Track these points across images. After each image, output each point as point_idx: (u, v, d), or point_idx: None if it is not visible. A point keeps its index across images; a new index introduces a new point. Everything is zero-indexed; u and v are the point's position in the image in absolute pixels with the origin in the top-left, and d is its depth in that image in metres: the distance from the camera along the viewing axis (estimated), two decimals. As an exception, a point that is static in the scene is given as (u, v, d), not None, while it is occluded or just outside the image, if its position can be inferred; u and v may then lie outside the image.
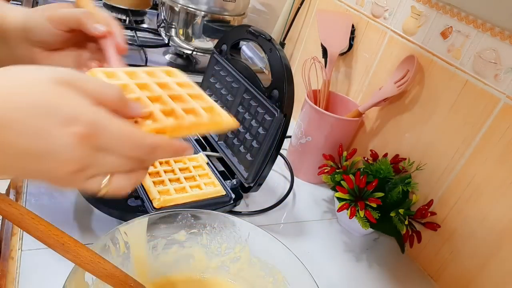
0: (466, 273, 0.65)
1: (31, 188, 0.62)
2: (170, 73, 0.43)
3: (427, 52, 0.72)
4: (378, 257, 0.72)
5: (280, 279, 0.51)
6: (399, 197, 0.69)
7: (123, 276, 0.41)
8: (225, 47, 0.76)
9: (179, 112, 0.37)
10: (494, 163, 0.62)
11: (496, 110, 0.61)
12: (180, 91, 0.40)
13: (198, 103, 0.39)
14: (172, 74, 0.43)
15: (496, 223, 0.61)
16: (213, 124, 0.38)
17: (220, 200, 0.66)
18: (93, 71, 0.38)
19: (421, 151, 0.73)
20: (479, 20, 0.64)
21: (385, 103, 0.78)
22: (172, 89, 0.40)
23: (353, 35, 0.88)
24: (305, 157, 0.84)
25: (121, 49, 0.48)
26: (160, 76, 0.42)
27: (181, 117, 0.36)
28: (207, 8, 0.98)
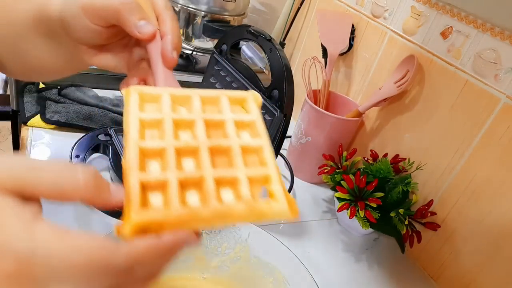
0: (466, 273, 0.65)
1: (31, 188, 0.62)
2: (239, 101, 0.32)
3: (427, 52, 0.72)
4: (378, 257, 0.72)
5: (280, 279, 0.51)
6: (399, 197, 0.69)
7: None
8: (225, 47, 0.76)
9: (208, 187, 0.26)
10: (494, 163, 0.62)
11: (496, 110, 0.61)
12: (232, 140, 0.29)
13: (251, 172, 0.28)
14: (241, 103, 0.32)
15: (496, 223, 0.61)
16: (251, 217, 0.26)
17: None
18: (128, 90, 0.30)
19: (421, 151, 0.73)
20: (479, 20, 0.64)
21: (385, 103, 0.78)
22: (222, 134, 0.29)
23: (353, 35, 0.88)
24: (305, 157, 0.84)
25: (168, 60, 0.36)
26: (221, 107, 0.31)
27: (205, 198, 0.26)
28: (207, 8, 0.98)
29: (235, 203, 0.26)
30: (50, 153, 0.71)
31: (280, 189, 0.27)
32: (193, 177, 0.26)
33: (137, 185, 0.25)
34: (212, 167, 0.27)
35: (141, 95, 0.30)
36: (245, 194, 0.26)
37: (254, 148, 0.29)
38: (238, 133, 0.30)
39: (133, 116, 0.28)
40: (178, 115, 0.29)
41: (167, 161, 0.27)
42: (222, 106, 0.31)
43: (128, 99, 0.29)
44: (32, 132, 0.74)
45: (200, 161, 0.27)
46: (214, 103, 0.31)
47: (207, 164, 0.27)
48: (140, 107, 0.29)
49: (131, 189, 0.25)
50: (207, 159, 0.27)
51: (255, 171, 0.28)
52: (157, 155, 0.27)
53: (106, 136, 0.72)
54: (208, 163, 0.27)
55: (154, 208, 0.25)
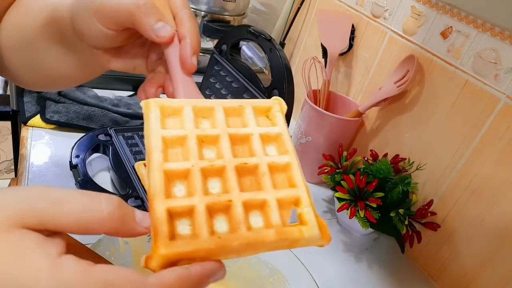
0: (466, 273, 0.65)
1: (31, 188, 0.62)
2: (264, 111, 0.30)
3: (427, 52, 0.72)
4: (378, 257, 0.72)
5: (280, 279, 0.51)
6: (399, 197, 0.69)
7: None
8: (225, 47, 0.76)
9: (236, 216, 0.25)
10: (494, 163, 0.62)
11: (496, 110, 0.61)
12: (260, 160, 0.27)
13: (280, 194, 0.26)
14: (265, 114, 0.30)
15: (496, 223, 0.61)
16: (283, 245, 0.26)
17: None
18: (148, 103, 0.28)
19: (421, 151, 0.73)
20: (479, 20, 0.64)
21: (385, 103, 0.78)
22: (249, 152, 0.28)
23: (353, 35, 0.88)
24: (305, 157, 0.84)
25: (187, 67, 0.34)
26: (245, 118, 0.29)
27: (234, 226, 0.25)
28: (207, 8, 0.98)
29: (265, 231, 0.25)
30: (50, 153, 0.71)
31: (311, 213, 0.27)
32: (221, 202, 0.25)
33: (164, 214, 0.24)
34: (239, 189, 0.26)
35: (162, 109, 0.28)
36: (274, 220, 0.26)
37: (282, 167, 0.28)
38: (265, 149, 0.29)
39: (155, 135, 0.27)
40: (202, 131, 0.28)
41: (193, 184, 0.26)
42: (246, 118, 0.29)
43: (148, 114, 0.28)
44: (32, 132, 0.74)
45: (227, 182, 0.26)
46: (238, 114, 0.30)
47: (234, 186, 0.26)
48: (162, 122, 0.28)
49: (158, 220, 0.24)
50: (234, 180, 0.26)
51: (285, 193, 0.27)
52: (182, 177, 0.26)
53: (106, 136, 0.72)
54: (236, 185, 0.26)
55: (182, 238, 0.24)
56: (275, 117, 0.30)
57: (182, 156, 0.27)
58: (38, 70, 0.44)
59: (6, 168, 1.90)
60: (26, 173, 0.65)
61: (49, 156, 0.70)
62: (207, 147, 0.28)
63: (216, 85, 0.78)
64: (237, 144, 0.28)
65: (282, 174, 0.28)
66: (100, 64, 0.40)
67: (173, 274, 0.23)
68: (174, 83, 0.34)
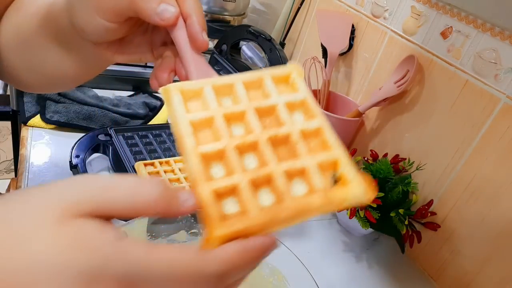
0: (466, 273, 0.65)
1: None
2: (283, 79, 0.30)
3: (427, 52, 0.72)
4: (378, 257, 0.72)
5: (280, 279, 0.51)
6: (399, 197, 0.69)
7: None
8: (225, 47, 0.76)
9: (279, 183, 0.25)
10: (494, 163, 0.62)
11: (496, 110, 0.61)
12: (290, 128, 0.27)
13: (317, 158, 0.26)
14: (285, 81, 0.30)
15: (496, 223, 0.61)
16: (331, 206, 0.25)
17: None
18: (168, 89, 0.28)
19: (421, 151, 0.73)
20: (479, 20, 0.64)
21: (385, 103, 0.78)
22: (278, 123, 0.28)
23: (353, 35, 0.88)
24: (305, 157, 0.84)
25: (198, 44, 0.33)
26: (266, 90, 0.29)
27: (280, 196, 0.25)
28: (207, 8, 0.98)
29: (310, 197, 0.25)
30: (50, 153, 0.71)
31: (352, 171, 0.26)
32: (263, 176, 0.25)
33: (210, 196, 0.24)
34: (277, 160, 0.26)
35: (183, 93, 0.27)
36: (317, 184, 0.26)
37: (313, 131, 0.28)
38: (292, 117, 0.28)
39: (183, 120, 0.26)
40: (227, 109, 0.27)
41: (230, 163, 0.26)
42: (267, 89, 0.29)
43: (170, 100, 0.27)
44: (32, 132, 0.74)
45: (263, 156, 0.26)
46: (258, 86, 0.29)
47: (271, 158, 0.26)
48: (185, 107, 0.27)
49: (205, 203, 0.24)
50: (269, 152, 0.26)
51: (322, 156, 0.27)
52: (218, 157, 0.26)
53: (106, 136, 0.72)
54: (272, 157, 0.26)
55: (233, 217, 0.25)
56: (296, 83, 0.30)
57: (213, 137, 0.27)
58: (39, 71, 0.44)
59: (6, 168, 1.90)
60: (26, 173, 0.65)
61: (49, 156, 0.70)
62: (235, 124, 0.27)
63: (216, 85, 0.78)
64: (264, 117, 0.28)
65: (314, 138, 0.28)
66: (104, 59, 0.39)
67: (233, 247, 0.23)
68: (186, 64, 0.33)
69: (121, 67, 0.96)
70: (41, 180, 0.64)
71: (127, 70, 0.96)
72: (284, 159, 0.26)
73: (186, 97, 0.28)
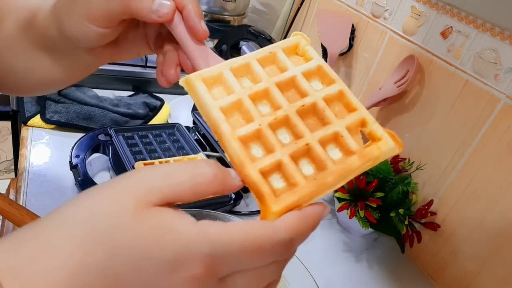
0: (466, 273, 0.65)
1: (31, 188, 0.62)
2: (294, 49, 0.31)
3: (427, 52, 0.72)
4: (378, 257, 0.72)
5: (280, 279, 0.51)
6: (399, 197, 0.69)
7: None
8: (225, 47, 0.76)
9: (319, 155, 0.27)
10: (494, 163, 0.62)
11: (496, 110, 0.61)
12: (313, 93, 0.28)
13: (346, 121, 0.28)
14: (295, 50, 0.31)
15: (496, 223, 0.61)
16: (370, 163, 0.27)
17: (220, 200, 0.66)
18: (190, 79, 0.28)
19: (421, 151, 0.73)
20: (479, 20, 0.64)
21: (385, 103, 0.78)
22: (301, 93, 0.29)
23: (353, 35, 0.88)
24: (305, 157, 0.84)
25: (199, 34, 0.32)
26: (281, 63, 0.30)
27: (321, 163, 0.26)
28: (207, 8, 0.98)
29: (349, 159, 0.27)
30: (50, 153, 0.71)
31: (380, 128, 0.28)
32: (300, 148, 0.27)
33: (259, 176, 0.26)
34: (309, 130, 0.27)
35: (204, 81, 0.28)
36: (352, 146, 0.27)
37: (336, 96, 0.29)
38: (312, 85, 0.30)
39: (213, 108, 0.27)
40: (251, 90, 0.28)
41: (267, 141, 0.27)
42: (282, 62, 0.30)
43: (195, 90, 0.28)
44: (32, 132, 0.74)
45: (295, 128, 0.27)
46: (272, 61, 0.30)
47: (303, 129, 0.27)
48: (210, 94, 0.28)
49: (256, 183, 0.26)
50: (301, 124, 0.27)
51: (350, 118, 0.28)
52: (255, 138, 0.27)
53: (106, 136, 0.72)
54: (304, 128, 0.27)
55: (284, 191, 0.26)
56: (306, 51, 0.31)
57: (245, 119, 0.28)
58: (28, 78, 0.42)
59: (6, 168, 1.89)
60: (26, 173, 0.65)
61: (49, 156, 0.70)
62: (261, 103, 0.28)
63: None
64: (286, 90, 0.29)
65: (338, 102, 0.29)
66: (101, 59, 0.39)
67: (294, 217, 0.25)
68: (191, 56, 0.33)
69: (121, 67, 0.96)
70: (41, 180, 0.64)
71: (127, 70, 0.96)
72: (316, 128, 0.28)
73: (209, 84, 0.28)
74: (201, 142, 0.79)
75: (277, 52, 0.30)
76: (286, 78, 0.29)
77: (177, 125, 0.81)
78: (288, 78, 0.29)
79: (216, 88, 0.29)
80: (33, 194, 0.61)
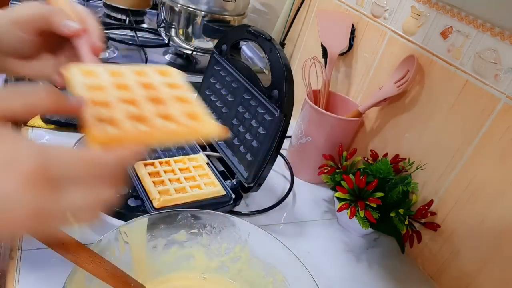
0: (466, 273, 0.65)
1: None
2: (165, 73, 0.40)
3: (427, 52, 0.72)
4: (378, 257, 0.72)
5: (280, 279, 0.51)
6: (399, 197, 0.69)
7: (124, 277, 0.41)
8: (225, 47, 0.76)
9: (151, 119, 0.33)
10: (494, 163, 0.62)
11: (496, 110, 0.61)
12: (165, 93, 0.37)
13: (182, 108, 0.35)
14: (166, 74, 0.40)
15: (496, 223, 0.61)
16: (191, 133, 0.35)
17: (220, 200, 0.66)
18: (70, 68, 0.36)
19: (421, 151, 0.73)
20: (479, 20, 0.64)
21: (385, 103, 0.78)
22: (156, 91, 0.37)
23: (353, 35, 0.88)
24: (305, 157, 0.84)
25: (96, 49, 0.43)
26: (149, 75, 0.38)
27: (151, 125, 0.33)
28: (207, 8, 0.98)
29: (177, 126, 0.34)
30: (50, 153, 0.71)
31: (210, 117, 0.36)
32: (139, 114, 0.33)
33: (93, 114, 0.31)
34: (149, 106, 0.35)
35: (81, 70, 0.36)
36: (183, 121, 0.34)
37: (182, 98, 0.37)
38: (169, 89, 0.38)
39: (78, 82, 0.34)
40: (117, 79, 0.36)
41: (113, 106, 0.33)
42: (151, 76, 0.38)
43: (70, 75, 0.35)
44: (32, 132, 0.74)
45: (141, 106, 0.34)
46: (143, 74, 0.38)
47: (148, 106, 0.34)
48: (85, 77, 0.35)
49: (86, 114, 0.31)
50: (146, 103, 0.34)
51: (186, 108, 0.36)
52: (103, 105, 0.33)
53: (106, 136, 0.72)
54: (149, 106, 0.34)
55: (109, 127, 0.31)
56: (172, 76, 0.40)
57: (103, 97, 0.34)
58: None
59: (6, 168, 1.89)
60: (26, 173, 0.65)
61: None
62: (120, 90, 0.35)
63: (216, 85, 0.78)
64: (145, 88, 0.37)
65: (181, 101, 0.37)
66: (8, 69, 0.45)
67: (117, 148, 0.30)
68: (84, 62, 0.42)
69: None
70: (41, 180, 0.64)
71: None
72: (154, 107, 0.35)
73: (84, 73, 0.36)
74: (201, 142, 0.79)
75: (148, 70, 0.39)
76: (149, 81, 0.37)
77: (177, 125, 0.81)
78: (151, 82, 0.37)
79: (90, 78, 0.36)
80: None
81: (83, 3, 1.28)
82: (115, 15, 1.24)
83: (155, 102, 0.35)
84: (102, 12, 1.26)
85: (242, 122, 0.71)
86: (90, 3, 1.30)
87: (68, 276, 0.39)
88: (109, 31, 1.12)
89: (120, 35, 1.14)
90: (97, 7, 1.29)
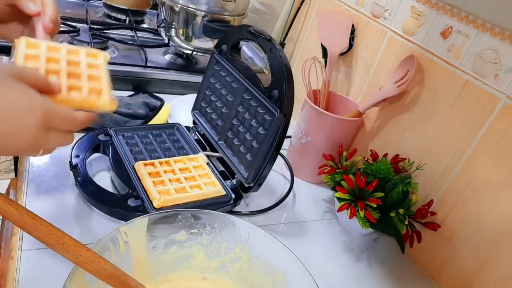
0: (466, 273, 0.65)
1: (31, 188, 0.62)
2: (92, 55, 0.50)
3: (427, 52, 0.72)
4: (378, 257, 0.72)
5: (280, 279, 0.51)
6: (399, 197, 0.69)
7: (124, 276, 0.41)
8: (225, 47, 0.76)
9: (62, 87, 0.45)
10: (494, 163, 0.62)
11: (496, 110, 0.61)
12: (82, 71, 0.47)
13: (89, 84, 0.46)
14: (93, 56, 0.50)
15: (496, 223, 0.61)
16: (85, 104, 0.45)
17: (220, 200, 0.66)
18: (20, 39, 0.46)
19: (421, 151, 0.73)
20: (479, 20, 0.64)
21: (385, 103, 0.78)
22: (76, 67, 0.47)
23: (353, 35, 0.88)
24: (305, 157, 0.84)
25: (47, 29, 0.52)
26: (79, 55, 0.49)
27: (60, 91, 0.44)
28: (207, 8, 0.98)
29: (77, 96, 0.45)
30: (50, 153, 0.71)
31: (107, 93, 0.47)
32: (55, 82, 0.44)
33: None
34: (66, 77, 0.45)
35: (27, 42, 0.46)
36: (84, 94, 0.45)
37: (94, 76, 0.47)
38: (88, 69, 0.48)
39: (20, 50, 0.45)
40: (52, 54, 0.46)
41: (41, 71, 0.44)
42: (79, 55, 0.49)
43: (18, 45, 0.46)
44: None
45: (59, 77, 0.45)
46: (75, 53, 0.49)
47: (63, 78, 0.45)
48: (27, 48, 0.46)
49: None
50: (64, 76, 0.45)
51: (93, 85, 0.46)
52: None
53: (106, 136, 0.72)
54: (65, 78, 0.45)
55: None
56: (98, 58, 0.50)
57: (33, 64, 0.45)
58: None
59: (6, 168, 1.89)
60: (26, 173, 0.65)
61: (49, 156, 0.70)
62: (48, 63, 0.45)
63: (216, 85, 0.78)
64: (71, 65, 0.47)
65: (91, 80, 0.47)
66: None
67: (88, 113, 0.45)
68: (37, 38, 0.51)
69: (121, 67, 0.96)
70: (41, 180, 0.64)
71: (127, 70, 0.96)
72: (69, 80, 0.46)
73: (28, 46, 0.46)
74: (201, 142, 0.79)
75: (80, 51, 0.49)
76: (75, 60, 0.48)
77: (177, 125, 0.81)
78: (76, 61, 0.48)
79: (32, 50, 0.46)
80: (33, 194, 0.61)
81: (83, 3, 1.28)
82: (115, 15, 1.24)
83: (71, 76, 0.46)
84: (102, 12, 1.26)
85: (242, 122, 0.71)
86: (90, 3, 1.30)
87: (68, 276, 0.39)
88: (109, 31, 1.12)
89: (120, 35, 1.13)
90: (97, 7, 1.29)
